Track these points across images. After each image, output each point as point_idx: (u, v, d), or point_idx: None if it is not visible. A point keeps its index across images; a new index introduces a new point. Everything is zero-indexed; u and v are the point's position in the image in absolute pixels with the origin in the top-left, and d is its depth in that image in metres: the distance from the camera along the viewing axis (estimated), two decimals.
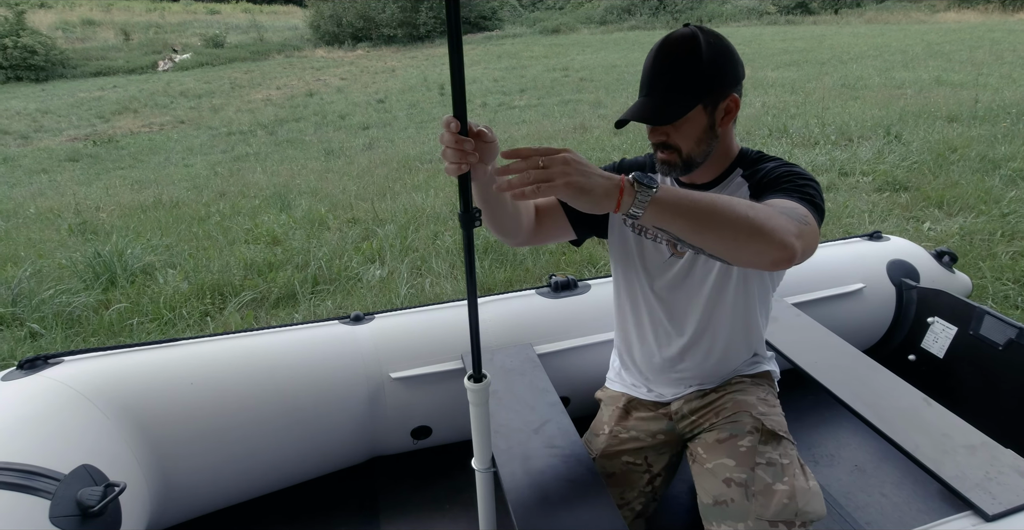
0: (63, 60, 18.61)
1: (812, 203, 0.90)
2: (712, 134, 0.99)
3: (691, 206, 0.75)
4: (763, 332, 1.26)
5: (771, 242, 0.76)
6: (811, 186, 0.94)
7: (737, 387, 1.24)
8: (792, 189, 0.93)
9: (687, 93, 0.94)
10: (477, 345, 0.96)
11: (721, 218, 0.75)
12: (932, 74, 8.46)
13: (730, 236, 0.76)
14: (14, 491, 0.93)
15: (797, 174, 0.96)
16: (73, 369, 1.24)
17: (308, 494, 1.56)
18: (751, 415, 1.17)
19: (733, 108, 0.98)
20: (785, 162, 1.02)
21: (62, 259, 3.37)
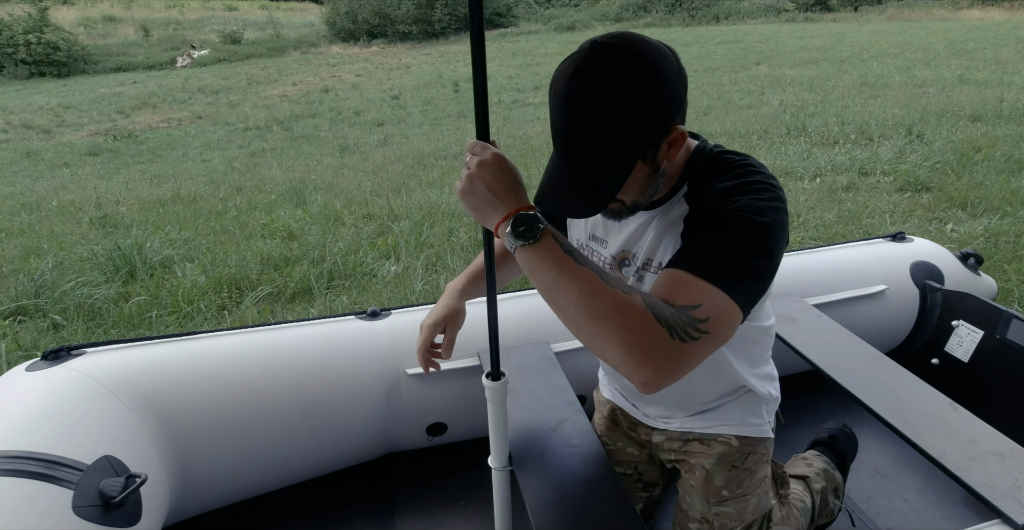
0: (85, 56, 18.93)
1: (746, 286, 0.68)
2: (657, 177, 0.79)
3: (545, 277, 0.67)
4: (747, 359, 1.02)
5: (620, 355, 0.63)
6: (753, 241, 0.69)
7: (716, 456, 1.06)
8: (726, 257, 0.68)
9: (616, 162, 0.73)
10: (496, 343, 0.95)
11: (569, 307, 0.65)
12: (955, 72, 8.29)
13: (572, 324, 0.66)
14: (39, 480, 0.94)
15: (741, 218, 0.70)
16: (95, 360, 1.26)
17: (323, 489, 1.57)
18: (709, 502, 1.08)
19: (679, 139, 0.76)
20: (741, 181, 0.75)
21: (83, 252, 3.42)
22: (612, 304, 0.63)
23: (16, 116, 11.61)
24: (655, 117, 0.72)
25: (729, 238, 0.70)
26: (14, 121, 11.10)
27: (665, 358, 0.62)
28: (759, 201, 0.72)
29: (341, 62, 17.38)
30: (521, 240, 0.67)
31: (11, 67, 17.73)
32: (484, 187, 0.70)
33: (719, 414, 1.05)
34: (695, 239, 0.73)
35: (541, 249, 0.67)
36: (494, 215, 0.70)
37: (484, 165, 0.70)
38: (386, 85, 12.72)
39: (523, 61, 14.53)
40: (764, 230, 0.70)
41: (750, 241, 0.69)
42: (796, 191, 4.00)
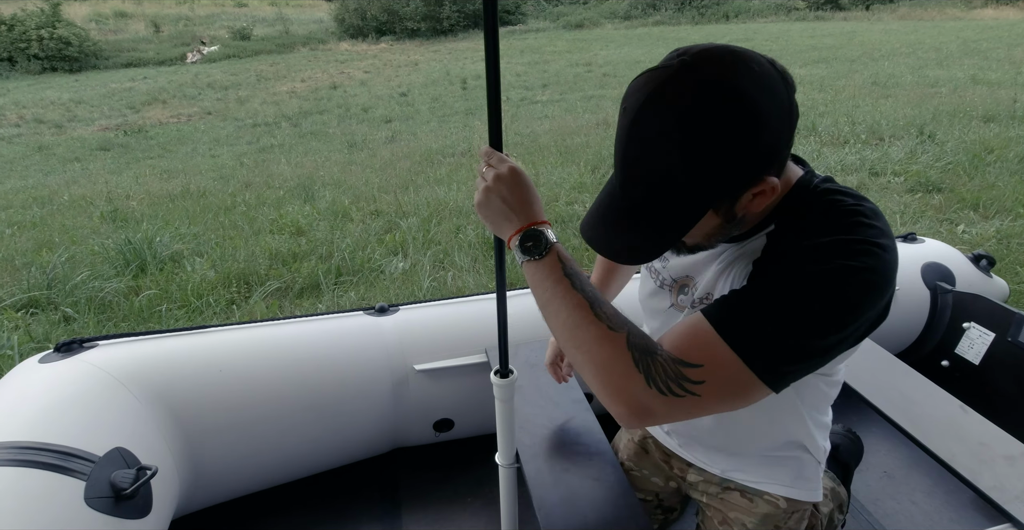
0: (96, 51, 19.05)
1: (768, 360, 0.57)
2: (732, 225, 0.67)
3: (542, 293, 0.67)
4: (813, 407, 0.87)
5: (595, 386, 0.62)
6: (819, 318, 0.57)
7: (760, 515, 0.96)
8: (764, 320, 0.58)
9: (678, 206, 0.61)
10: (505, 341, 0.95)
11: (558, 328, 0.65)
12: (968, 72, 8.20)
13: (560, 343, 0.66)
14: (52, 471, 0.95)
15: (818, 287, 0.57)
16: (107, 353, 1.27)
17: (331, 483, 1.58)
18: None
19: (768, 191, 0.61)
20: (840, 237, 0.59)
21: (94, 245, 3.45)
22: (593, 337, 0.62)
23: (28, 111, 11.72)
24: (740, 168, 0.58)
25: (786, 306, 0.57)
26: (26, 116, 11.20)
27: (636, 402, 0.59)
28: (851, 271, 0.57)
29: (350, 59, 17.41)
30: (527, 255, 0.68)
31: (24, 62, 17.88)
32: (500, 201, 0.70)
33: (769, 469, 0.92)
34: (746, 289, 0.62)
35: (543, 266, 0.67)
36: (508, 228, 0.70)
37: (501, 179, 0.70)
38: (394, 82, 12.73)
39: (531, 58, 14.50)
40: (842, 308, 0.57)
41: (814, 317, 0.57)
42: None
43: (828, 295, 0.57)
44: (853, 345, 0.63)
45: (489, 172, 0.71)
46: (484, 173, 0.72)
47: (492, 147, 0.75)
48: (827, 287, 0.57)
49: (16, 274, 3.13)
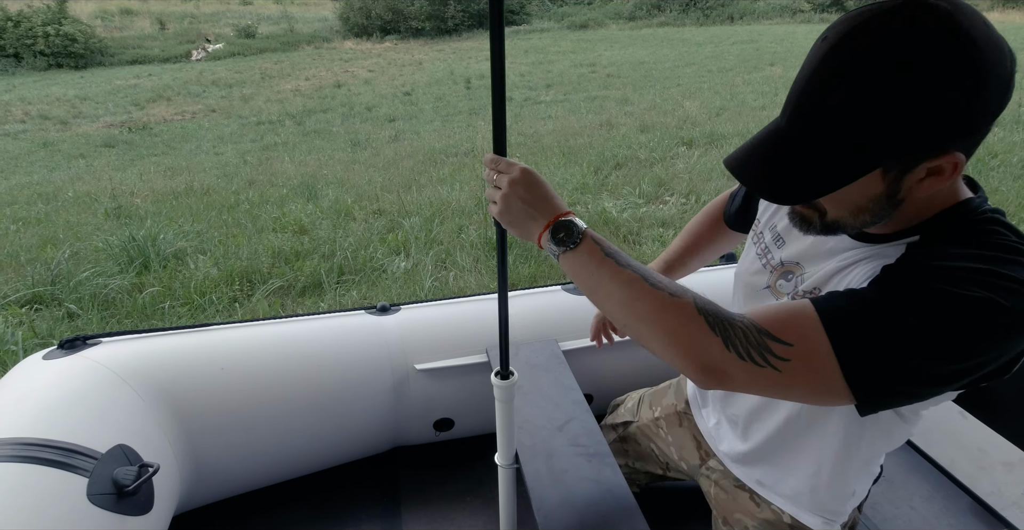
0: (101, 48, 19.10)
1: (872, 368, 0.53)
2: (889, 204, 0.60)
3: (589, 280, 0.65)
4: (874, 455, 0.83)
5: (667, 354, 0.60)
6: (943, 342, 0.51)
7: (760, 521, 0.96)
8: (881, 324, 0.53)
9: (863, 151, 0.54)
10: (506, 342, 0.96)
11: (615, 307, 0.64)
12: None
13: (619, 323, 0.64)
14: (54, 467, 0.96)
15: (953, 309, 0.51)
16: (110, 350, 1.28)
17: (331, 481, 1.58)
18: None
19: (947, 170, 0.55)
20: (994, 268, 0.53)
21: (99, 242, 3.47)
22: (656, 307, 0.60)
23: (34, 107, 11.76)
24: (930, 123, 0.52)
25: (907, 320, 0.52)
26: (32, 112, 11.23)
27: (713, 363, 0.57)
28: (996, 304, 0.51)
29: (354, 57, 17.43)
30: (562, 246, 0.67)
31: (30, 58, 17.93)
32: (520, 204, 0.69)
33: (791, 484, 0.90)
34: (868, 290, 0.57)
35: (582, 253, 0.66)
36: (535, 227, 0.69)
37: (515, 183, 0.69)
38: (398, 81, 12.74)
39: (535, 59, 14.50)
40: (970, 339, 0.51)
41: (937, 339, 0.51)
42: None
43: (962, 321, 0.51)
44: (960, 388, 0.57)
45: (501, 179, 0.71)
46: (496, 181, 0.71)
47: (497, 154, 0.74)
48: (962, 313, 0.51)
49: (20, 270, 3.14)
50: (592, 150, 5.52)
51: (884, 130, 0.52)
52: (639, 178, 4.52)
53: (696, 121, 6.60)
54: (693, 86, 9.25)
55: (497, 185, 0.71)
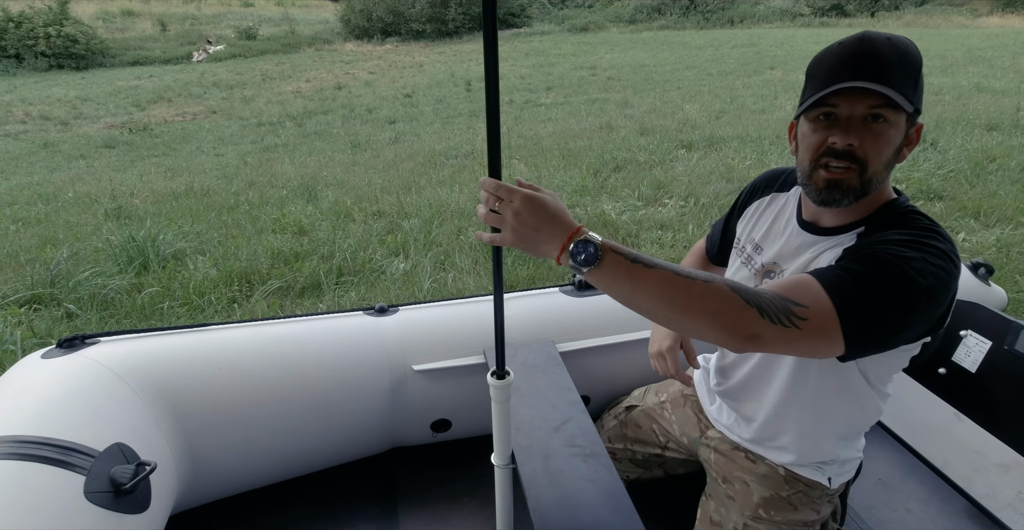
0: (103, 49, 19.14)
1: (861, 316, 0.69)
2: (894, 159, 0.81)
3: (624, 288, 0.70)
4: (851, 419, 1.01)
5: (713, 333, 0.69)
6: (896, 296, 0.70)
7: (759, 475, 1.09)
8: (858, 283, 0.70)
9: (913, 92, 0.77)
10: (502, 342, 0.96)
11: (655, 305, 0.69)
12: (972, 80, 8.21)
13: (662, 318, 0.70)
14: (52, 465, 0.96)
15: (899, 270, 0.71)
16: (109, 349, 1.28)
17: (329, 481, 1.59)
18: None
19: (915, 140, 0.81)
20: (918, 239, 0.75)
21: (98, 243, 3.47)
22: (695, 296, 0.68)
23: (35, 107, 11.78)
24: (920, 95, 0.79)
25: (874, 279, 0.70)
26: (33, 112, 11.25)
27: (752, 331, 0.68)
28: (926, 261, 0.72)
29: (355, 59, 17.46)
30: (586, 266, 0.69)
31: (31, 59, 17.97)
32: (530, 231, 0.70)
33: (782, 443, 1.05)
34: (843, 263, 0.75)
35: (608, 266, 0.69)
36: (550, 250, 0.70)
37: (520, 213, 0.69)
38: (399, 83, 12.77)
39: (536, 61, 14.53)
40: (913, 289, 0.70)
41: (890, 288, 0.70)
42: None
43: (906, 279, 0.70)
44: (914, 337, 0.75)
45: (505, 208, 0.70)
46: (500, 209, 0.71)
47: (492, 176, 0.73)
48: (906, 272, 0.70)
49: (20, 270, 3.15)
50: (592, 152, 5.53)
51: (915, 92, 0.77)
52: (638, 181, 4.53)
53: (696, 124, 6.61)
54: (693, 89, 9.27)
55: (504, 217, 0.70)
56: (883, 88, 0.73)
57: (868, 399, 0.96)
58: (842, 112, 0.77)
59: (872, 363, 0.89)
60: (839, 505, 1.31)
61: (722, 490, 1.13)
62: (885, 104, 0.75)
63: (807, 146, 0.81)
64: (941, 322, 0.76)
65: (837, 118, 0.78)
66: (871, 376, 0.92)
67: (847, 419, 0.99)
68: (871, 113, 0.76)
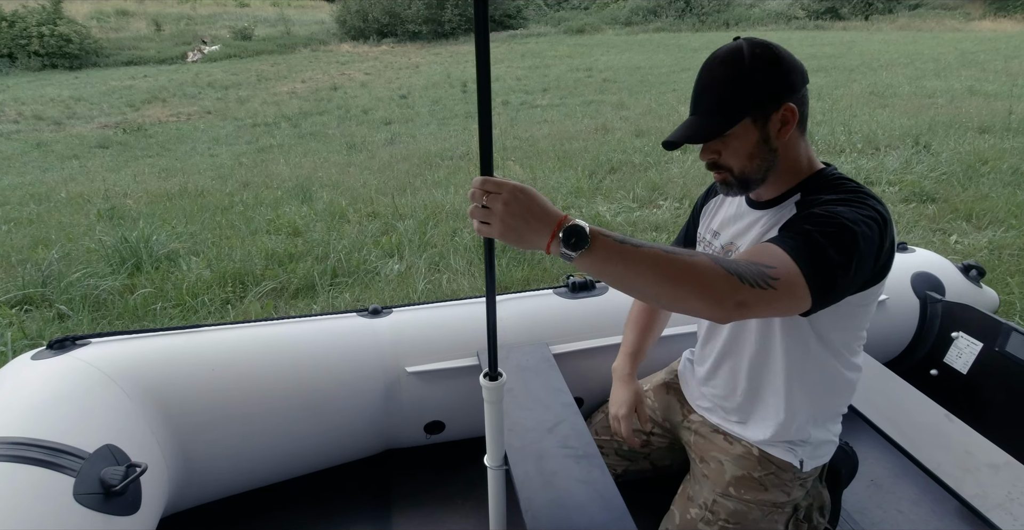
0: (97, 49, 19.06)
1: (817, 268, 0.77)
2: (767, 148, 0.92)
3: (615, 269, 0.73)
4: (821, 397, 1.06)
5: (701, 304, 0.73)
6: (843, 249, 0.78)
7: (734, 456, 1.14)
8: (809, 243, 0.78)
9: (730, 108, 0.89)
10: (494, 344, 0.96)
11: (645, 284, 0.73)
12: (965, 84, 8.27)
13: (652, 296, 0.75)
14: (41, 467, 0.95)
15: (835, 221, 0.81)
16: (100, 351, 1.27)
17: (322, 483, 1.58)
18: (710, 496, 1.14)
19: (790, 118, 0.90)
20: (847, 197, 0.87)
21: (91, 243, 3.45)
22: (683, 269, 0.72)
23: (28, 107, 11.71)
24: (768, 85, 0.89)
25: (816, 230, 0.80)
26: (25, 112, 11.19)
27: (737, 297, 0.73)
28: (857, 213, 0.82)
29: (351, 60, 17.44)
30: (576, 251, 0.71)
31: (24, 59, 17.87)
32: (519, 221, 0.71)
33: (755, 423, 1.12)
34: (790, 229, 0.84)
35: (599, 249, 0.71)
36: (539, 239, 0.72)
37: (509, 203, 0.71)
38: (395, 84, 12.76)
39: (532, 63, 14.56)
40: (851, 235, 0.79)
41: (834, 234, 0.79)
42: None
43: (842, 226, 0.79)
44: (860, 281, 0.83)
45: (494, 200, 0.71)
46: (488, 202, 0.72)
47: (484, 175, 0.74)
48: (841, 221, 0.80)
49: (11, 271, 3.13)
50: (587, 154, 5.55)
51: (741, 95, 0.89)
52: (633, 182, 4.54)
53: None
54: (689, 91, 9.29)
55: (487, 205, 0.72)
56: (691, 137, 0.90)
57: (836, 374, 1.02)
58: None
59: (832, 329, 0.97)
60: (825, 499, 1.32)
61: (699, 469, 1.19)
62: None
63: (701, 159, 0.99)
64: (881, 273, 0.87)
65: None
66: (835, 343, 0.99)
67: (818, 397, 1.05)
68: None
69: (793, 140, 0.93)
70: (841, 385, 1.05)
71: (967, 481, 1.10)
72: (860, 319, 0.98)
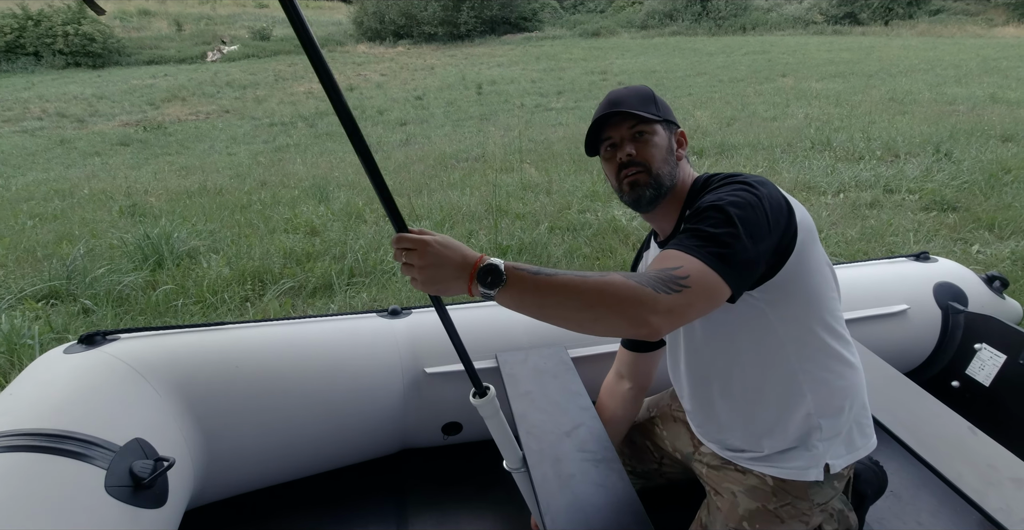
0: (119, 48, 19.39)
1: (712, 251, 0.79)
2: (673, 158, 1.01)
3: (533, 301, 0.75)
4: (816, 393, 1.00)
5: (623, 323, 0.74)
6: (723, 224, 0.81)
7: (747, 487, 1.09)
8: (695, 235, 0.82)
9: (652, 109, 1.00)
10: (468, 361, 0.99)
11: (566, 311, 0.74)
12: (987, 90, 8.14)
13: (575, 322, 0.76)
14: (74, 459, 0.98)
15: (708, 206, 0.85)
16: (129, 346, 1.30)
17: (340, 481, 1.60)
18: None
19: (683, 141, 1.03)
20: (721, 185, 0.92)
21: (113, 239, 3.52)
22: (597, 291, 0.73)
23: (51, 105, 11.93)
24: (669, 112, 1.03)
25: (697, 221, 0.84)
26: (49, 109, 11.40)
27: (658, 307, 0.73)
28: (720, 193, 0.88)
29: (367, 61, 17.57)
30: (494, 289, 0.74)
31: (49, 57, 18.22)
32: (437, 271, 0.76)
33: (764, 456, 1.06)
34: (690, 224, 0.87)
35: (513, 284, 0.74)
36: (460, 284, 0.76)
37: (424, 256, 0.76)
38: (410, 85, 12.84)
39: (547, 66, 14.57)
40: (725, 210, 0.83)
41: (713, 218, 0.83)
42: (819, 206, 3.96)
43: (715, 206, 0.84)
44: (765, 251, 0.85)
45: (411, 256, 0.77)
46: (407, 258, 0.77)
47: (399, 232, 0.79)
48: (713, 204, 0.84)
49: (37, 265, 3.19)
50: None
51: (658, 111, 1.01)
52: None
53: (706, 131, 6.61)
54: (704, 96, 9.26)
55: (408, 262, 0.77)
56: (630, 109, 0.97)
57: (822, 365, 0.99)
58: (615, 136, 1.00)
59: (780, 320, 0.95)
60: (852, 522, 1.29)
61: (713, 501, 1.15)
62: (639, 121, 0.98)
63: (610, 172, 1.03)
64: (787, 234, 0.88)
65: (615, 143, 1.01)
66: (804, 334, 0.97)
67: (813, 394, 0.99)
68: (634, 131, 0.98)
69: (683, 162, 1.03)
70: (834, 376, 1.00)
71: (990, 495, 1.08)
72: (811, 300, 0.95)
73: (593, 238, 3.46)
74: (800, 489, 1.04)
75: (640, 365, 1.27)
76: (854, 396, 1.03)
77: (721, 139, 6.05)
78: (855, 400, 1.04)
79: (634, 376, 1.29)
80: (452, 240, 0.79)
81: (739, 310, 0.92)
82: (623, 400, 1.31)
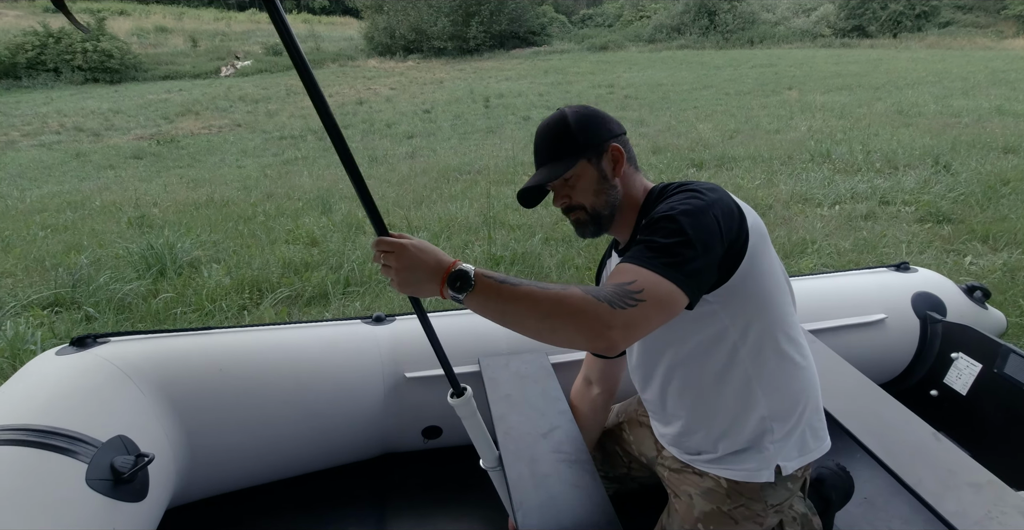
0: (136, 64, 19.88)
1: (665, 261, 0.81)
2: (609, 184, 1.02)
3: (496, 308, 0.79)
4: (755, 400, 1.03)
5: (579, 336, 0.76)
6: (674, 234, 0.83)
7: (703, 489, 1.12)
8: (648, 247, 0.84)
9: (567, 155, 1.01)
10: (446, 361, 1.04)
11: (526, 320, 0.78)
12: (993, 103, 8.12)
13: (534, 332, 0.78)
14: (57, 453, 1.03)
15: (659, 217, 0.87)
16: (118, 349, 1.36)
17: (321, 484, 1.64)
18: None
19: (619, 156, 1.02)
20: (669, 198, 0.94)
21: (119, 249, 3.61)
22: (555, 302, 0.76)
23: (69, 119, 12.25)
24: (592, 133, 1.01)
25: (650, 233, 0.86)
26: (67, 124, 11.70)
27: (613, 322, 0.75)
28: (670, 203, 0.90)
29: (377, 75, 17.87)
30: (463, 292, 0.79)
31: (68, 73, 18.71)
32: (412, 274, 0.81)
33: (719, 458, 1.09)
34: (643, 238, 0.89)
35: (480, 290, 0.78)
36: (432, 287, 0.81)
37: (402, 257, 0.81)
38: (419, 99, 13.03)
39: (555, 79, 14.73)
40: (675, 219, 0.85)
41: (665, 229, 0.85)
42: (813, 218, 3.98)
43: (666, 217, 0.86)
44: (717, 255, 0.87)
45: (389, 258, 0.82)
46: (386, 260, 0.83)
47: (380, 235, 0.85)
48: (664, 215, 0.86)
49: (45, 274, 3.29)
50: None
51: (576, 147, 1.00)
52: None
53: (709, 143, 6.65)
54: (709, 109, 9.32)
55: (387, 264, 0.82)
56: (541, 179, 1.00)
57: (775, 368, 1.01)
58: (548, 187, 1.05)
59: (733, 324, 0.97)
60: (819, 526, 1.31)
61: (672, 504, 1.19)
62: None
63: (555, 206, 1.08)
64: (736, 241, 0.91)
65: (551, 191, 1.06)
66: (741, 336, 0.99)
67: (766, 395, 1.02)
68: (560, 180, 1.02)
69: (629, 176, 1.04)
70: (787, 379, 1.02)
71: (948, 498, 1.10)
72: (764, 303, 0.97)
73: (585, 249, 3.50)
74: (753, 490, 1.06)
75: (607, 370, 1.31)
76: (807, 399, 1.06)
77: (722, 151, 6.09)
78: (808, 403, 1.06)
79: (602, 381, 1.33)
80: (428, 245, 0.83)
81: (693, 314, 0.94)
82: (592, 405, 1.35)
